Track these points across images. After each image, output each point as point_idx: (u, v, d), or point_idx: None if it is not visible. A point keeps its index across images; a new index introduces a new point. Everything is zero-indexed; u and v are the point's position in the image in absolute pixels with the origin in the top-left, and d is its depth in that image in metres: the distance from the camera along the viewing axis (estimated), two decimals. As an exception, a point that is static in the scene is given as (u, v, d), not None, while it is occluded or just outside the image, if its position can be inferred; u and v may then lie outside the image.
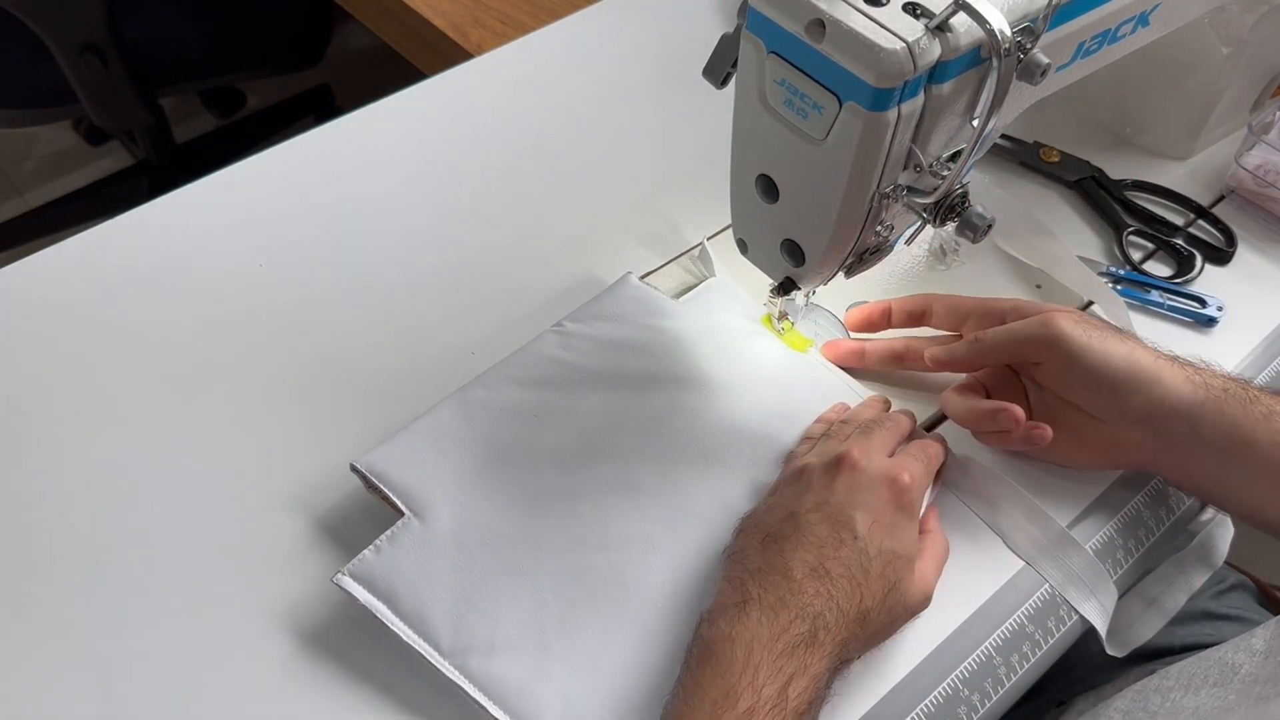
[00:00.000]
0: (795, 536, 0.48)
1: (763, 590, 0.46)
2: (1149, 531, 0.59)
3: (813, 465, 0.52)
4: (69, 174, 1.80)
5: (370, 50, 1.80)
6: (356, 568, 0.51)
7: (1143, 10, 0.54)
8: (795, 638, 0.44)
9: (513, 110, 0.80)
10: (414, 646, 0.49)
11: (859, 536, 0.48)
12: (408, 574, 0.51)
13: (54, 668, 0.51)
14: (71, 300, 0.66)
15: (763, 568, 0.47)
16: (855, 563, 0.47)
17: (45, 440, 0.59)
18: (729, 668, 0.43)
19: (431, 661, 0.49)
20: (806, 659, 0.44)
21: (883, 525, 0.49)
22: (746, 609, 0.45)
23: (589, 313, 0.63)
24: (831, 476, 0.51)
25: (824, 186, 0.49)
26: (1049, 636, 0.54)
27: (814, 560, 0.47)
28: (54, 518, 0.56)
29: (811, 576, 0.46)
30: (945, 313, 0.61)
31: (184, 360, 0.63)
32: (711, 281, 0.67)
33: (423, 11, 0.96)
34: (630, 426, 0.58)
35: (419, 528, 0.53)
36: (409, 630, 0.49)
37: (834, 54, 0.43)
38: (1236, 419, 0.51)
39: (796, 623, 0.45)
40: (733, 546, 0.51)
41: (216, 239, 0.70)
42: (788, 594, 0.46)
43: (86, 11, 1.17)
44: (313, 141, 0.77)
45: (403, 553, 0.51)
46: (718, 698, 0.42)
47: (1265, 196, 0.74)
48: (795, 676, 0.43)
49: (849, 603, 0.46)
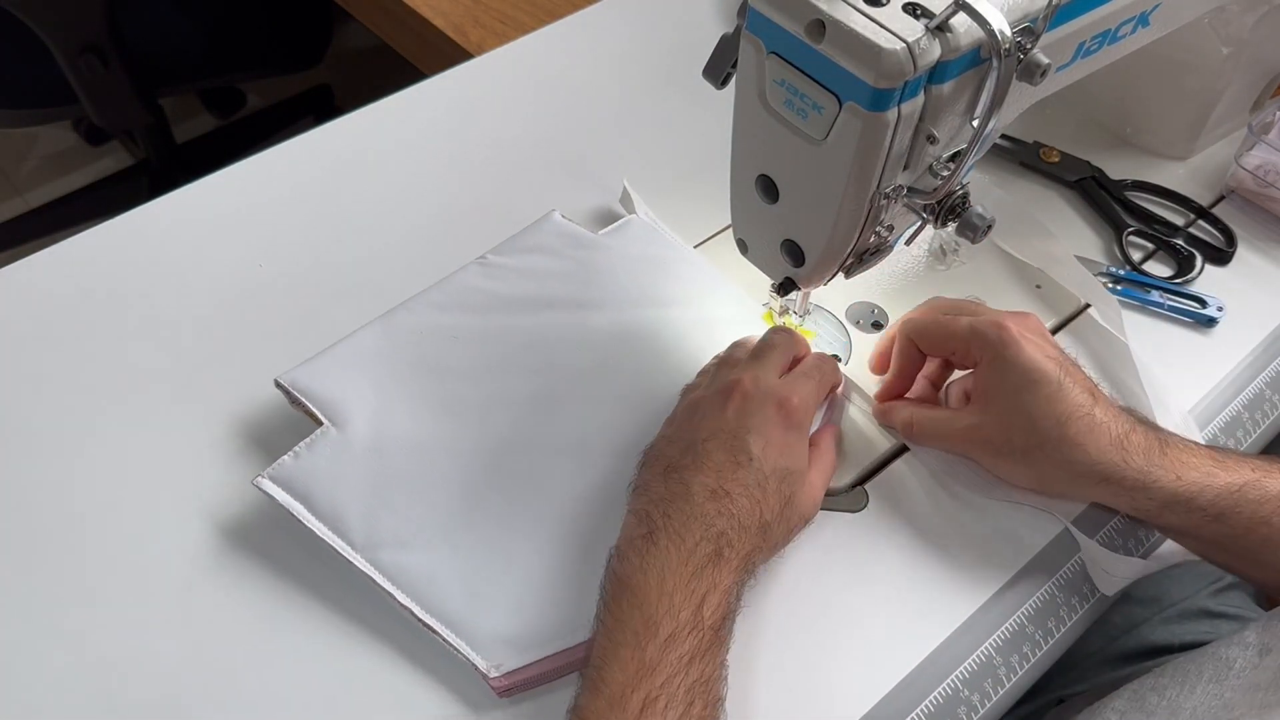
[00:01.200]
0: (694, 464, 0.50)
1: (666, 518, 0.48)
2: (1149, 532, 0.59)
3: (706, 395, 0.54)
4: (69, 174, 1.80)
5: (370, 50, 1.80)
6: (275, 471, 0.54)
7: (1143, 10, 0.54)
8: (703, 558, 0.46)
9: (513, 110, 0.80)
10: (328, 542, 0.52)
11: (754, 458, 0.50)
12: (324, 477, 0.54)
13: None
14: (72, 300, 0.66)
15: (665, 496, 0.49)
16: (752, 481, 0.49)
17: (45, 439, 0.59)
18: (645, 598, 0.45)
19: (345, 556, 0.52)
20: (715, 576, 0.46)
21: (775, 445, 0.51)
22: (654, 539, 0.47)
23: (512, 245, 0.66)
24: (724, 403, 0.52)
25: (824, 187, 0.49)
26: (1049, 636, 0.54)
27: (713, 483, 0.49)
28: (53, 517, 0.56)
29: (712, 498, 0.48)
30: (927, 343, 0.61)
31: (184, 360, 0.63)
32: (632, 218, 0.69)
33: (423, 11, 0.96)
34: (546, 345, 0.61)
35: (336, 435, 0.56)
36: (324, 528, 0.53)
37: (834, 54, 0.43)
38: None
39: (703, 544, 0.47)
40: (636, 480, 0.52)
41: (216, 239, 0.70)
42: (691, 518, 0.48)
43: (86, 11, 1.17)
44: (313, 141, 0.77)
45: (320, 458, 0.55)
46: (639, 629, 0.44)
47: (1265, 196, 0.74)
48: (708, 595, 0.46)
49: (750, 518, 0.48)
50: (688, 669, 0.44)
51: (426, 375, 0.59)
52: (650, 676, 0.43)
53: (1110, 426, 0.52)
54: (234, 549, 0.55)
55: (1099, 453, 0.51)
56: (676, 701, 0.43)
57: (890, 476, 0.59)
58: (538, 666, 0.50)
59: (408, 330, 0.61)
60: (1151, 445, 0.52)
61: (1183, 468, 0.51)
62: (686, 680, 0.43)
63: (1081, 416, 0.51)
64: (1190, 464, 0.52)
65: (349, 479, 0.54)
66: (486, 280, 0.64)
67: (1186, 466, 0.51)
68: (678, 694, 0.43)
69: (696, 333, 0.63)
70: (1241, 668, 0.49)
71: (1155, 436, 0.53)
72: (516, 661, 0.49)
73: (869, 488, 0.59)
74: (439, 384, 0.59)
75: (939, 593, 0.54)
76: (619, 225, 0.69)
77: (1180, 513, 0.51)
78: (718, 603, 0.46)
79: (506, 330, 0.61)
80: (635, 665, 0.43)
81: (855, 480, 0.59)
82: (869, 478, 0.59)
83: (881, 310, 0.67)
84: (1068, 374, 0.52)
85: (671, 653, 0.44)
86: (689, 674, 0.44)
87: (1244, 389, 0.65)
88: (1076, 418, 0.51)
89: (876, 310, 0.67)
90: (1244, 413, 0.64)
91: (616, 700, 0.43)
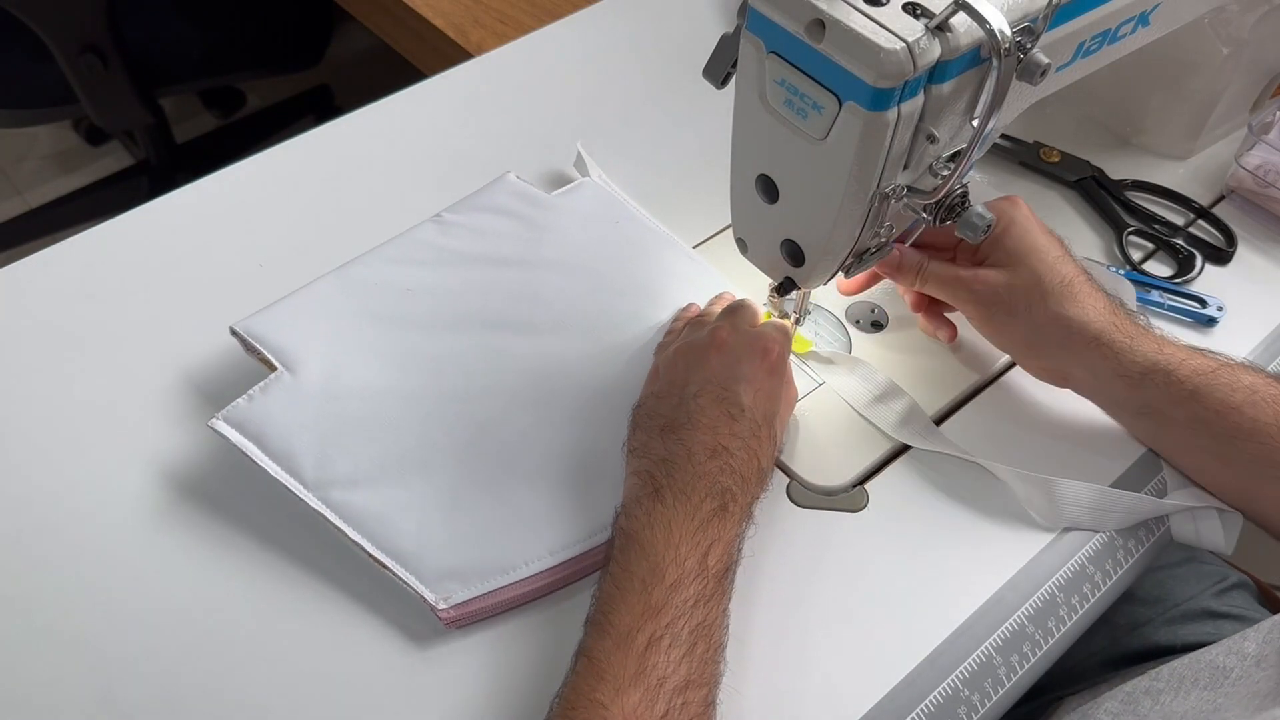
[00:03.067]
0: (690, 422, 0.51)
1: (670, 478, 0.50)
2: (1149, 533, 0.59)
3: (688, 347, 0.56)
4: (69, 174, 1.80)
5: (370, 50, 1.80)
6: (230, 413, 0.55)
7: (1143, 10, 0.54)
8: (708, 514, 0.48)
9: (513, 110, 0.80)
10: (281, 482, 0.54)
11: (745, 409, 0.52)
12: (277, 419, 0.55)
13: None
14: (72, 300, 0.66)
15: (666, 457, 0.51)
16: (747, 432, 0.51)
17: (44, 439, 0.59)
18: (651, 549, 0.47)
19: (297, 494, 0.53)
20: (720, 529, 0.48)
21: (763, 392, 0.53)
22: (660, 496, 0.49)
23: (467, 205, 0.68)
24: (707, 355, 0.54)
25: (824, 186, 0.49)
26: (1049, 636, 0.54)
27: (711, 441, 0.50)
28: (53, 517, 0.56)
29: (713, 456, 0.50)
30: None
31: (183, 361, 0.63)
32: (585, 180, 0.71)
33: (423, 11, 0.96)
34: (499, 298, 0.63)
35: (290, 380, 0.57)
36: (276, 467, 0.54)
37: (834, 54, 0.43)
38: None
39: (707, 500, 0.49)
40: (633, 441, 0.54)
41: (216, 239, 0.70)
42: (695, 477, 0.49)
43: (86, 11, 1.17)
44: (313, 141, 0.77)
45: (273, 401, 0.56)
46: (645, 576, 0.46)
47: (1265, 196, 0.74)
48: (712, 546, 0.48)
49: (749, 469, 0.51)
50: (692, 611, 0.45)
51: (381, 325, 0.60)
52: (656, 617, 0.45)
53: (1102, 295, 0.57)
54: (192, 498, 0.57)
55: (1095, 313, 0.55)
56: (680, 641, 0.44)
57: (890, 476, 0.59)
58: (484, 599, 0.52)
59: (363, 283, 0.62)
60: (1135, 319, 0.57)
61: (1163, 343, 0.56)
62: (690, 622, 0.45)
63: (1082, 282, 0.56)
64: (1169, 342, 0.56)
65: (302, 421, 0.56)
66: (441, 237, 0.65)
67: (1166, 343, 0.56)
68: (681, 634, 0.45)
69: (650, 288, 0.65)
70: (1238, 677, 0.49)
71: (1136, 316, 0.57)
72: (464, 594, 0.51)
73: (869, 488, 0.59)
74: (393, 334, 0.60)
75: (939, 593, 0.54)
76: (572, 187, 0.70)
77: (1159, 384, 0.54)
78: (722, 552, 0.48)
79: (460, 285, 0.63)
80: (641, 607, 0.45)
81: (855, 480, 0.59)
82: (869, 478, 0.59)
83: (881, 310, 0.67)
84: (1067, 250, 0.58)
85: (676, 596, 0.45)
86: (693, 616, 0.45)
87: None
88: (1078, 282, 0.56)
89: (876, 310, 0.67)
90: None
91: (623, 639, 0.44)
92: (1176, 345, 0.56)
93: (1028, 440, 0.61)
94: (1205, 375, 0.54)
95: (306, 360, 0.58)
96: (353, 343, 0.60)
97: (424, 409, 0.57)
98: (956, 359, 0.64)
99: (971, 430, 0.61)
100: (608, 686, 0.43)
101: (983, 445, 0.60)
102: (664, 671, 0.43)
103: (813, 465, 0.59)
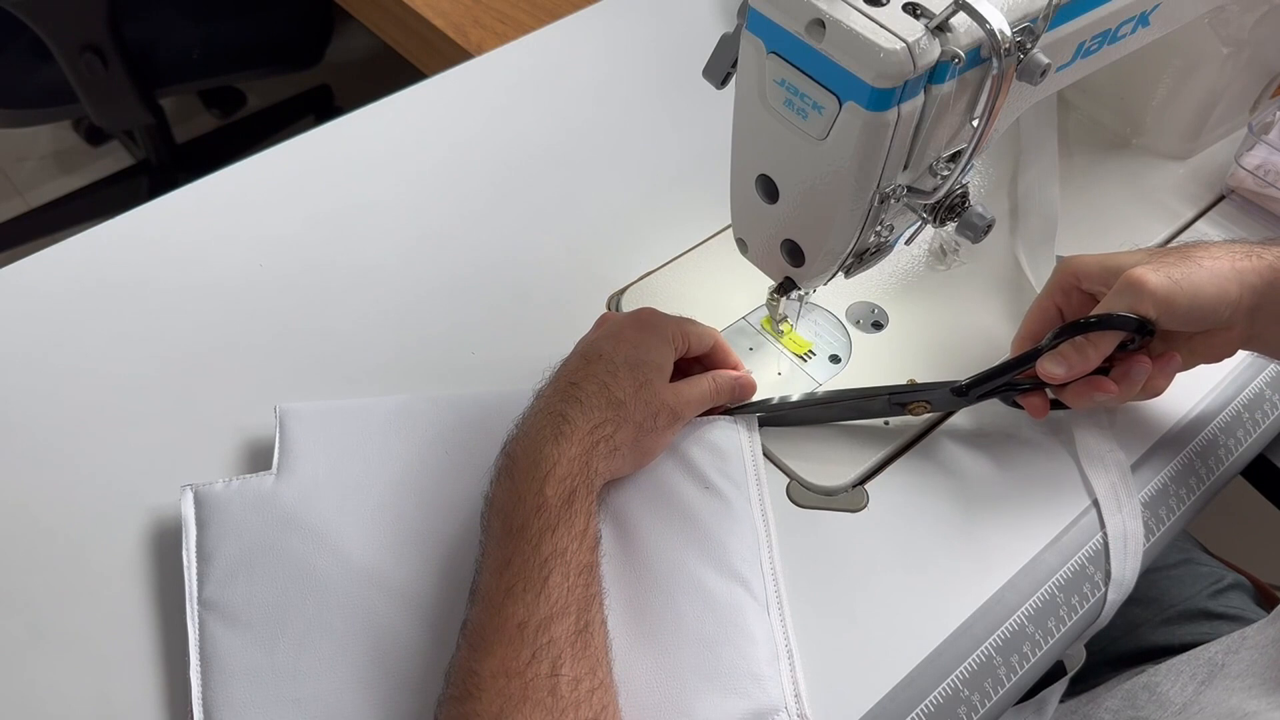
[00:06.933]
0: (551, 382, 0.53)
1: (518, 433, 0.50)
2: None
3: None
4: (69, 174, 1.80)
5: (370, 50, 1.80)
6: (202, 489, 0.54)
7: (1143, 10, 0.54)
8: (543, 440, 0.49)
9: (513, 110, 0.80)
10: (184, 573, 0.52)
11: (603, 355, 0.53)
12: (228, 515, 0.53)
13: None
14: (71, 300, 0.66)
15: (522, 423, 0.51)
16: (602, 370, 0.52)
17: (44, 439, 0.59)
18: (502, 506, 0.48)
19: (186, 594, 0.51)
20: (557, 452, 0.48)
21: (627, 341, 0.54)
22: (513, 456, 0.49)
23: None
24: (589, 334, 0.56)
25: (824, 186, 0.49)
26: (1049, 636, 0.54)
27: (564, 384, 0.52)
28: (51, 516, 0.56)
29: (558, 394, 0.51)
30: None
31: (183, 360, 0.63)
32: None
33: (423, 11, 0.96)
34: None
35: (271, 486, 0.54)
36: (191, 558, 0.52)
37: (834, 54, 0.44)
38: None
39: (545, 429, 0.49)
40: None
41: (217, 239, 0.70)
42: (533, 412, 0.51)
43: (86, 11, 1.17)
44: (313, 141, 0.77)
45: (237, 496, 0.54)
46: (499, 533, 0.47)
47: (1265, 196, 0.74)
48: (550, 473, 0.47)
49: (596, 399, 0.51)
50: (537, 547, 0.46)
51: (394, 485, 0.55)
52: (508, 567, 0.45)
53: (1222, 253, 0.54)
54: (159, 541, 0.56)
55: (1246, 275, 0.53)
56: (532, 581, 0.45)
57: (890, 476, 0.59)
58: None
59: (414, 424, 0.57)
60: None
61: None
62: (538, 558, 0.45)
63: (1201, 264, 0.53)
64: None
65: (242, 532, 0.52)
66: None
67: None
68: (532, 574, 0.45)
69: None
70: (1235, 671, 0.49)
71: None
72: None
73: (869, 488, 0.59)
74: (396, 499, 0.55)
75: (938, 592, 0.54)
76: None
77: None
78: (563, 475, 0.48)
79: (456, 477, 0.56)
80: (496, 563, 0.46)
81: (855, 480, 0.59)
82: (869, 478, 0.59)
83: (881, 310, 0.67)
84: (1161, 263, 0.54)
85: (521, 539, 0.46)
86: (540, 551, 0.45)
87: (1244, 389, 0.65)
88: (1198, 272, 0.53)
89: (876, 310, 0.67)
90: (1244, 412, 0.64)
91: (485, 600, 0.45)
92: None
93: (1029, 438, 0.61)
94: None
95: (298, 477, 0.54)
96: (355, 487, 0.55)
97: (355, 605, 0.51)
98: (957, 359, 0.64)
99: (971, 430, 0.61)
100: (478, 651, 0.44)
101: (981, 445, 0.60)
102: (522, 616, 0.44)
103: (813, 465, 0.59)
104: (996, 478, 0.59)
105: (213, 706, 0.48)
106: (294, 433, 0.56)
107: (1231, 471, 0.63)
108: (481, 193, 0.74)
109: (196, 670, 0.49)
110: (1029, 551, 0.56)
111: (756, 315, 0.66)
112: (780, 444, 0.60)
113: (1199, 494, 0.61)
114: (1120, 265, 0.54)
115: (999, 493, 0.58)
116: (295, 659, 0.49)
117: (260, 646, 0.49)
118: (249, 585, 0.51)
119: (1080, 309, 0.57)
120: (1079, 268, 0.56)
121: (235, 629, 0.50)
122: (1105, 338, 0.53)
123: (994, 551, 0.56)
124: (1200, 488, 0.61)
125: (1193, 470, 0.61)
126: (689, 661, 0.50)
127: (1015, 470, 0.59)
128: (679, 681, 0.49)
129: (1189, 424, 0.63)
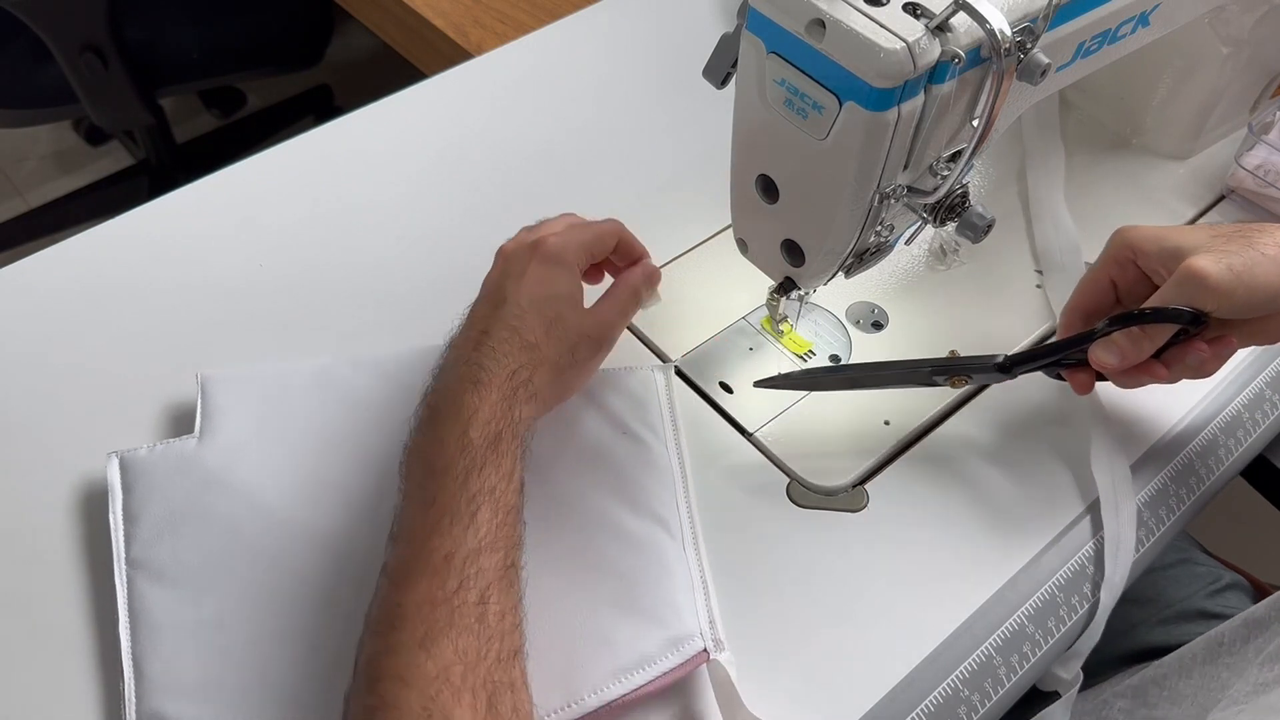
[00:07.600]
0: (462, 332, 0.53)
1: (436, 384, 0.51)
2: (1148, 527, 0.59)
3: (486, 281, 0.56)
4: (69, 174, 1.80)
5: (370, 50, 1.80)
6: (127, 455, 0.55)
7: (1143, 10, 0.54)
8: (461, 390, 0.48)
9: (513, 110, 0.80)
10: (111, 536, 0.53)
11: (508, 299, 0.52)
12: (153, 479, 0.54)
13: None
14: (71, 300, 0.66)
15: (436, 373, 0.51)
16: (509, 314, 0.52)
17: (44, 439, 0.59)
18: (424, 453, 0.48)
19: (113, 555, 0.52)
20: (476, 400, 0.48)
21: (530, 280, 0.53)
22: (430, 404, 0.50)
23: None
24: (492, 272, 0.55)
25: (824, 186, 0.49)
26: (1049, 636, 0.54)
27: (475, 334, 0.51)
28: (51, 516, 0.56)
29: (469, 343, 0.51)
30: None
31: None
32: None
33: (423, 11, 0.96)
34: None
35: (193, 449, 0.55)
36: (118, 521, 0.53)
37: (834, 54, 0.44)
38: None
39: (464, 380, 0.49)
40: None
41: (217, 239, 0.70)
42: (449, 363, 0.51)
43: (86, 11, 1.17)
44: (313, 141, 0.77)
45: (161, 460, 0.55)
46: (421, 478, 0.47)
47: (1265, 196, 0.74)
48: (472, 417, 0.47)
49: (509, 345, 0.50)
50: (464, 484, 0.46)
51: (310, 452, 0.56)
52: (433, 505, 0.45)
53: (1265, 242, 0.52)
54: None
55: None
56: (460, 515, 0.45)
57: (890, 476, 0.59)
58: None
59: (335, 388, 0.59)
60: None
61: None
62: (466, 493, 0.45)
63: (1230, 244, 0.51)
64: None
65: (169, 493, 0.54)
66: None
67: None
68: (460, 510, 0.45)
69: None
70: (1231, 641, 0.49)
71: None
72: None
73: (869, 488, 0.59)
74: (317, 456, 0.56)
75: (938, 592, 0.54)
76: None
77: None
78: (486, 419, 0.48)
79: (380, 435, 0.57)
80: (420, 506, 0.46)
81: (855, 480, 0.59)
82: (869, 478, 0.59)
83: (881, 310, 0.67)
84: (1222, 251, 0.51)
85: (447, 477, 0.46)
86: (467, 487, 0.46)
87: (1244, 389, 0.65)
88: (1240, 254, 0.51)
89: (876, 310, 0.67)
90: (1244, 412, 0.64)
91: (410, 539, 0.45)
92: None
93: (1029, 438, 0.61)
94: None
95: (219, 439, 0.56)
96: (273, 451, 0.56)
97: (278, 560, 0.52)
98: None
99: (971, 431, 0.61)
100: (401, 586, 0.43)
101: (981, 446, 0.60)
102: (449, 549, 0.44)
103: (813, 465, 0.59)
104: (996, 478, 0.59)
105: (142, 659, 0.49)
106: (215, 397, 0.57)
107: (1231, 472, 0.63)
108: (481, 192, 0.74)
109: (126, 626, 0.50)
110: (1029, 551, 0.56)
111: (756, 315, 0.66)
112: (780, 444, 0.60)
113: (1199, 494, 0.61)
114: (1179, 246, 0.52)
115: (999, 493, 0.59)
116: (221, 611, 0.51)
117: (187, 601, 0.51)
118: (174, 543, 0.52)
119: (1135, 284, 0.56)
120: (1136, 242, 0.55)
121: (162, 585, 0.51)
122: (1161, 330, 0.53)
123: (994, 551, 0.56)
124: (1200, 488, 0.61)
125: (1192, 470, 0.61)
126: (609, 595, 0.52)
127: (1015, 470, 0.59)
128: (600, 613, 0.51)
129: (1189, 424, 0.63)
